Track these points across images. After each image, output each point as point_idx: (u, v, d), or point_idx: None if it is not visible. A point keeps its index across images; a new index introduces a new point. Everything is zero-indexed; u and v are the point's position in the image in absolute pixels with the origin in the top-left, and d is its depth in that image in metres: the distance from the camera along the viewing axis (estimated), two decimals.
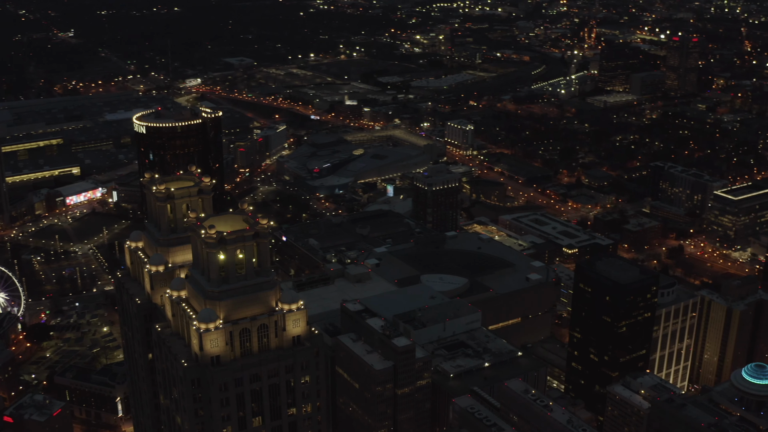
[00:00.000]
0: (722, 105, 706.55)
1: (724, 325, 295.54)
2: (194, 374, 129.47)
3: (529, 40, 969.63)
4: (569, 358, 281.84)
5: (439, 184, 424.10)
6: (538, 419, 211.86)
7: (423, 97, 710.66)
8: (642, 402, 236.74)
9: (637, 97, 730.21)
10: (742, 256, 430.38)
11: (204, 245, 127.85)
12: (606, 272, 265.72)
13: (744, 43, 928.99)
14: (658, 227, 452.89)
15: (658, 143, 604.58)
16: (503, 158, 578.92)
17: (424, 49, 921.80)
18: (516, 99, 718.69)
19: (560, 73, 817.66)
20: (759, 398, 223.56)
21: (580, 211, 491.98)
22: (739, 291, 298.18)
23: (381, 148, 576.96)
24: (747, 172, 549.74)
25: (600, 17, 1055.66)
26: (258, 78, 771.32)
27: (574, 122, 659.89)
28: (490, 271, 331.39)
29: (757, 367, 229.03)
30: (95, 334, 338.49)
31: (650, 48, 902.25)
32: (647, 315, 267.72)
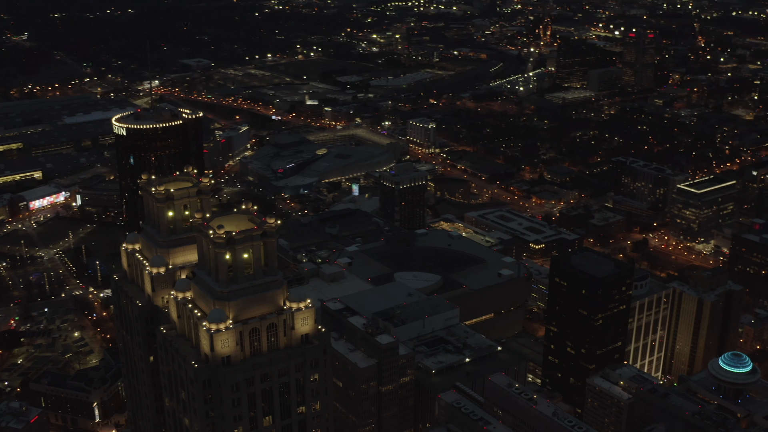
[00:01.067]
0: (679, 100, 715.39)
1: (695, 316, 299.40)
2: (205, 375, 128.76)
3: (486, 38, 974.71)
4: (545, 352, 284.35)
5: (407, 183, 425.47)
6: (524, 413, 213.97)
7: (383, 96, 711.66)
8: (621, 393, 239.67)
9: (595, 93, 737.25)
10: (705, 248, 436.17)
11: (212, 245, 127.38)
12: (581, 266, 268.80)
13: (697, 39, 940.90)
14: (622, 221, 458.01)
15: (617, 138, 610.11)
16: (465, 156, 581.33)
17: (382, 49, 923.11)
18: (475, 97, 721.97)
19: (518, 70, 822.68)
20: (736, 386, 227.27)
21: (544, 207, 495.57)
22: (709, 282, 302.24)
23: (344, 147, 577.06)
24: (706, 165, 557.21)
25: (554, 15, 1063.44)
26: (216, 79, 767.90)
27: (534, 119, 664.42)
28: (462, 268, 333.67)
29: (733, 356, 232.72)
30: (66, 340, 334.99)
31: (605, 44, 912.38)
32: (622, 307, 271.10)
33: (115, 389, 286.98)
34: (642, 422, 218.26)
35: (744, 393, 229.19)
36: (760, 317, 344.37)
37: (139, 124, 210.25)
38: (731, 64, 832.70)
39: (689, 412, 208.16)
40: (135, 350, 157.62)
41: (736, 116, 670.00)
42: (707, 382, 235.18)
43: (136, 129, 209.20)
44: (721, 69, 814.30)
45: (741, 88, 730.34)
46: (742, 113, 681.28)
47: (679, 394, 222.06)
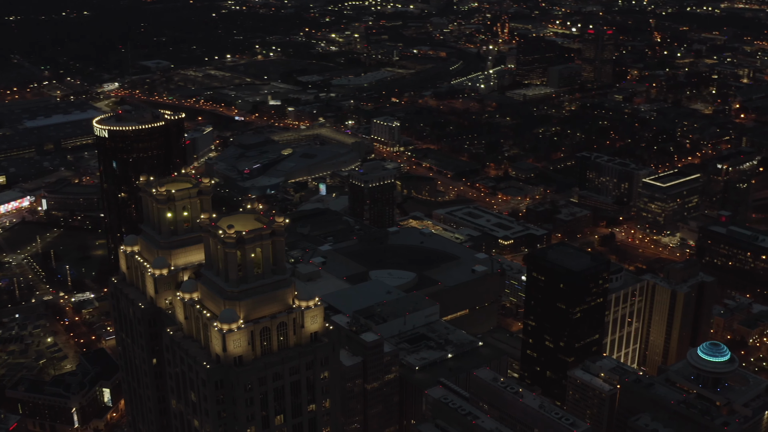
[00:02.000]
0: (638, 95, 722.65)
1: (668, 307, 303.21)
2: (218, 376, 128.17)
3: (444, 36, 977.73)
4: (524, 346, 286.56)
5: (376, 181, 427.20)
6: (510, 406, 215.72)
7: (345, 95, 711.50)
8: (603, 385, 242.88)
9: (555, 90, 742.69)
10: (672, 241, 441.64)
11: (222, 245, 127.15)
12: (559, 260, 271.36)
13: (653, 35, 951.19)
14: (589, 216, 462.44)
15: (579, 134, 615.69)
16: (430, 153, 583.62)
17: (341, 48, 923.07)
18: (437, 95, 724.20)
19: (478, 68, 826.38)
20: (715, 375, 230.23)
21: (510, 203, 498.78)
22: (682, 274, 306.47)
23: (309, 147, 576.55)
24: (668, 159, 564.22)
25: (511, 12, 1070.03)
26: (176, 80, 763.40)
27: (496, 116, 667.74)
28: (436, 265, 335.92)
29: (712, 345, 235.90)
30: (39, 345, 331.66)
31: (563, 41, 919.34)
32: (599, 300, 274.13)
33: (93, 394, 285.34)
34: (627, 412, 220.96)
35: (723, 381, 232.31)
36: (730, 307, 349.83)
37: (122, 126, 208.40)
38: (688, 59, 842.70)
39: (674, 401, 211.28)
40: (136, 353, 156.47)
41: (695, 110, 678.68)
42: (686, 372, 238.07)
43: (119, 131, 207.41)
44: (679, 64, 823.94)
45: (699, 83, 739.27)
46: (700, 107, 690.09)
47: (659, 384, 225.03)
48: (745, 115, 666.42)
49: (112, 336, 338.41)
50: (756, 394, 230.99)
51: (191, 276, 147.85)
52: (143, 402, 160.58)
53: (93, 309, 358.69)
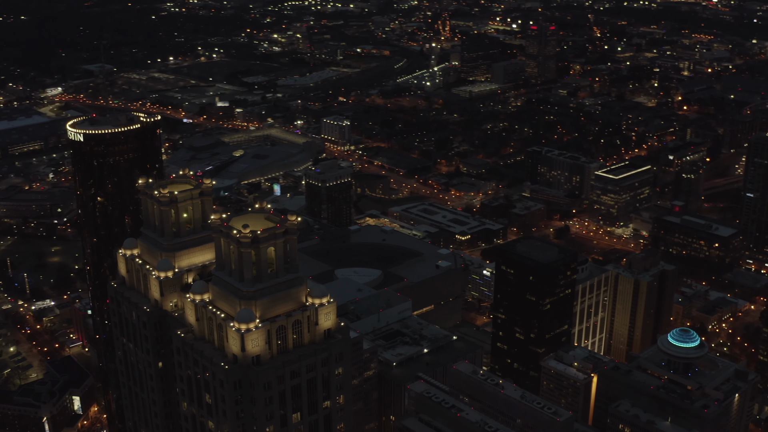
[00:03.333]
0: (582, 89, 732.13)
1: (632, 296, 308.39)
2: (236, 376, 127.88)
3: (386, 35, 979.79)
4: (494, 339, 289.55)
5: (333, 180, 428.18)
6: (492, 398, 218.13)
7: (291, 96, 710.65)
8: (577, 374, 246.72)
9: (500, 86, 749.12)
10: (625, 232, 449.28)
11: (236, 245, 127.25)
12: (527, 253, 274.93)
13: (593, 30, 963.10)
14: (543, 210, 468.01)
15: (527, 129, 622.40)
16: (381, 151, 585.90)
17: (284, 48, 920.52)
18: (384, 93, 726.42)
19: (422, 65, 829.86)
20: (685, 360, 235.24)
21: (463, 199, 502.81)
22: (644, 263, 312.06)
23: (260, 148, 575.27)
24: (615, 152, 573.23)
25: (451, 10, 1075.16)
26: (120, 84, 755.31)
27: (443, 113, 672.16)
28: (400, 261, 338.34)
29: (681, 331, 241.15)
30: (2, 355, 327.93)
31: (505, 38, 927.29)
32: (568, 292, 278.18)
33: (63, 402, 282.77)
34: (606, 399, 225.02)
35: (693, 367, 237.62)
36: (688, 295, 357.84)
37: (98, 129, 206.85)
38: (628, 53, 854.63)
39: (653, 387, 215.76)
40: (140, 357, 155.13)
41: (638, 103, 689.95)
42: (657, 358, 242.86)
43: (95, 134, 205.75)
44: (620, 58, 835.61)
45: (641, 76, 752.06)
46: (644, 100, 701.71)
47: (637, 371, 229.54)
48: (688, 107, 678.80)
49: (76, 343, 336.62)
50: (725, 377, 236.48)
51: (196, 277, 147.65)
52: (147, 407, 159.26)
53: (54, 317, 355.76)
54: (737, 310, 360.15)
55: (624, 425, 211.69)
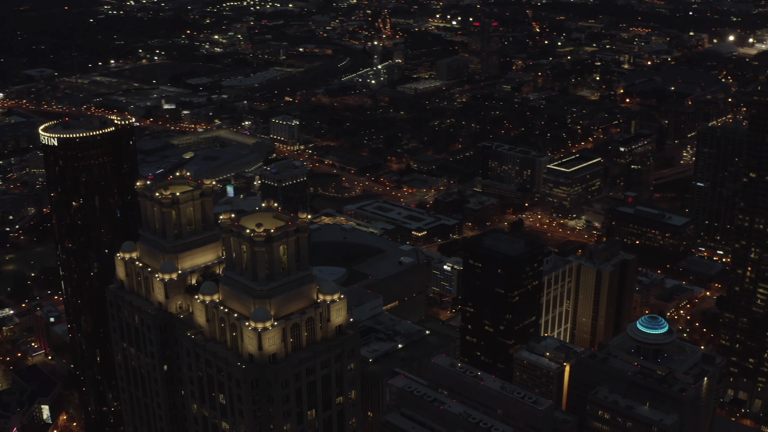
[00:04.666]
0: (525, 84, 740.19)
1: (594, 286, 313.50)
2: (254, 375, 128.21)
3: (328, 34, 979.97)
4: (463, 333, 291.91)
5: (289, 180, 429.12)
6: (472, 390, 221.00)
7: (237, 96, 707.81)
8: (550, 363, 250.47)
9: (445, 83, 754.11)
10: (578, 224, 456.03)
11: (251, 244, 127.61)
12: (495, 246, 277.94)
13: (532, 25, 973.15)
14: (497, 204, 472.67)
15: (474, 125, 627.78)
16: (331, 150, 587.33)
17: (225, 49, 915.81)
18: (329, 92, 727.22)
19: (365, 64, 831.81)
20: (655, 346, 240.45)
21: (415, 196, 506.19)
22: (605, 254, 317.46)
23: (210, 149, 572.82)
24: (562, 145, 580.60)
25: (391, 8, 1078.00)
26: (62, 88, 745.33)
27: (390, 111, 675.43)
28: (363, 259, 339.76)
29: (650, 318, 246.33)
30: None
31: (446, 35, 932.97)
32: (535, 283, 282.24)
33: (32, 412, 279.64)
34: (584, 387, 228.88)
35: (662, 352, 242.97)
36: (645, 284, 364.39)
37: (72, 134, 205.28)
38: (569, 47, 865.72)
39: (631, 373, 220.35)
40: (143, 361, 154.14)
41: (582, 97, 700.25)
42: (626, 345, 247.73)
43: (69, 138, 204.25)
44: (560, 53, 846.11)
45: (583, 70, 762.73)
46: (587, 94, 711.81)
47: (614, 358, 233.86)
48: (630, 100, 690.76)
49: (39, 352, 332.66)
50: (694, 362, 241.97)
51: (199, 279, 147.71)
52: (151, 411, 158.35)
53: (14, 326, 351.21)
54: (693, 296, 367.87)
55: (603, 411, 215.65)
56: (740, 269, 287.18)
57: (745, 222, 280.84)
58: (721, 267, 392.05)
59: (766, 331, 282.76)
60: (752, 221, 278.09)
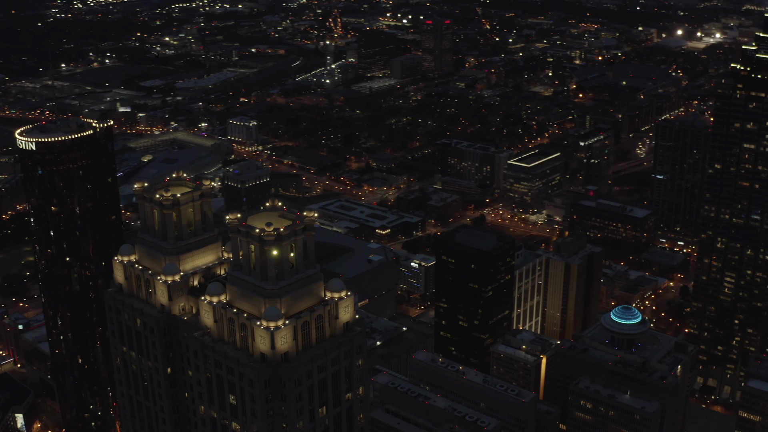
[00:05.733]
0: (479, 81, 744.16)
1: (563, 279, 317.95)
2: (267, 374, 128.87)
3: (279, 34, 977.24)
4: (437, 328, 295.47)
5: (252, 181, 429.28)
6: (454, 384, 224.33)
7: (192, 98, 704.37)
8: (527, 356, 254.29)
9: (399, 81, 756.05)
10: (539, 219, 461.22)
11: (260, 243, 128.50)
12: (468, 242, 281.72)
13: (482, 23, 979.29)
14: (459, 201, 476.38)
15: (430, 123, 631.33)
16: (289, 150, 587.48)
17: (177, 51, 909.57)
18: (284, 92, 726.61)
19: (319, 63, 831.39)
20: (629, 337, 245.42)
21: (376, 194, 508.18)
22: (572, 247, 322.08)
23: (168, 152, 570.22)
24: (518, 141, 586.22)
25: (341, 7, 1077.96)
26: (14, 93, 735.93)
27: (346, 110, 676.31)
28: (332, 258, 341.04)
29: (624, 309, 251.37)
30: None
31: (398, 33, 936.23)
32: (508, 277, 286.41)
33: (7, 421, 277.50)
34: (564, 378, 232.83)
35: (636, 342, 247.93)
36: (609, 276, 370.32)
37: (50, 137, 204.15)
38: (520, 44, 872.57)
39: (611, 362, 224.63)
40: (145, 365, 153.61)
41: (535, 93, 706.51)
42: (600, 336, 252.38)
43: (48, 142, 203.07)
44: (512, 49, 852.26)
45: (535, 66, 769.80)
46: (540, 90, 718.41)
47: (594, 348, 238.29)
48: (583, 95, 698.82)
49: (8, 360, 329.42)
50: (667, 350, 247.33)
51: (201, 280, 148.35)
52: (153, 414, 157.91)
53: None
54: (657, 287, 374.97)
55: (585, 401, 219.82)
56: (707, 259, 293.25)
57: (710, 213, 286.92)
58: (682, 258, 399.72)
59: (733, 319, 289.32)
60: (718, 212, 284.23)
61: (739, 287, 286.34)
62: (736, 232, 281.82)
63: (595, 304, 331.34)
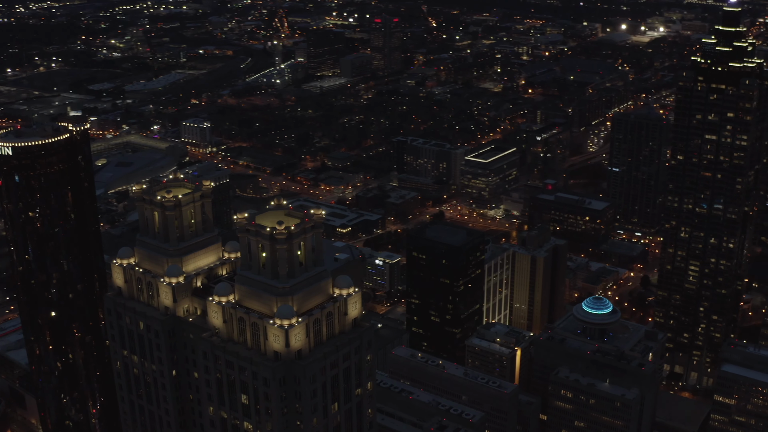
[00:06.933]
0: (429, 79, 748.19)
1: (530, 272, 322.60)
2: (281, 372, 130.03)
3: (226, 35, 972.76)
4: (408, 324, 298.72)
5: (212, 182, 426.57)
6: (435, 378, 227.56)
7: (142, 101, 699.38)
8: (502, 348, 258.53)
9: (349, 80, 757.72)
10: (497, 213, 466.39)
11: (272, 242, 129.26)
12: (438, 237, 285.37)
13: (428, 20, 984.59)
14: (417, 198, 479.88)
15: (383, 121, 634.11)
16: (244, 151, 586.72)
17: (124, 53, 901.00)
18: (235, 93, 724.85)
19: (267, 64, 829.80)
20: (601, 326, 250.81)
21: (333, 193, 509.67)
22: (537, 240, 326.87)
23: (122, 155, 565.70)
24: (471, 137, 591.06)
25: (286, 7, 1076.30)
26: None
27: (298, 109, 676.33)
28: None
29: (595, 299, 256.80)
30: None
31: (346, 32, 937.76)
32: (478, 272, 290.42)
33: None
34: (544, 368, 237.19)
35: (608, 332, 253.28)
36: (571, 268, 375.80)
37: (27, 142, 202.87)
38: (467, 41, 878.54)
39: (590, 352, 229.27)
40: (149, 368, 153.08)
41: (485, 89, 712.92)
42: (572, 327, 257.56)
43: (25, 147, 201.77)
44: (459, 46, 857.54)
45: (484, 63, 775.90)
46: (490, 86, 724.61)
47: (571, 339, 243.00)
48: (532, 90, 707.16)
49: None
50: (637, 339, 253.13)
51: (204, 281, 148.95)
52: (157, 418, 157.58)
53: None
54: (619, 278, 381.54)
55: (566, 390, 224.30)
56: (671, 248, 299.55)
57: (674, 203, 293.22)
58: (641, 248, 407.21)
59: (698, 306, 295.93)
60: (681, 202, 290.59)
61: (703, 275, 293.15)
62: (700, 221, 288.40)
63: (560, 296, 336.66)
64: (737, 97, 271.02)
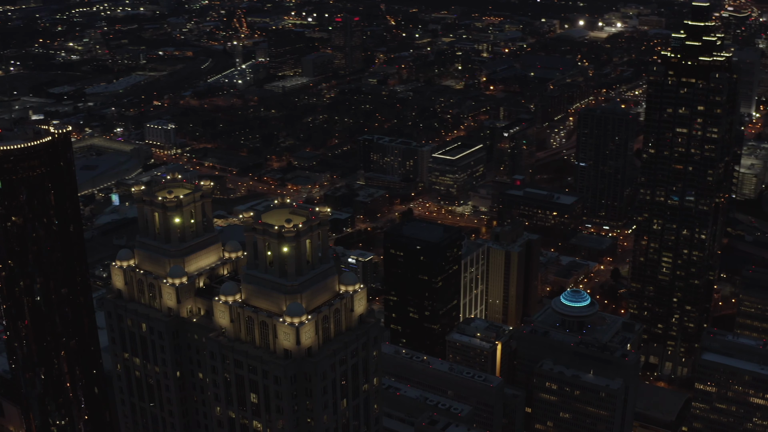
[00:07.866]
0: (391, 77, 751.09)
1: (504, 267, 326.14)
2: (293, 370, 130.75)
3: (185, 36, 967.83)
4: (387, 321, 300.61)
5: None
6: (421, 374, 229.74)
7: (104, 103, 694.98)
8: (482, 343, 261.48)
9: (311, 79, 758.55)
10: (465, 210, 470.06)
11: (280, 240, 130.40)
12: (415, 234, 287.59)
13: (387, 19, 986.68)
14: (385, 196, 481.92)
15: (347, 119, 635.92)
16: (209, 152, 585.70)
17: (83, 56, 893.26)
18: (197, 94, 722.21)
19: (228, 64, 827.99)
20: (579, 319, 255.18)
21: (300, 192, 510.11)
22: (511, 235, 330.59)
23: (87, 158, 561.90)
24: (435, 134, 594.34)
25: (244, 7, 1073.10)
26: None
27: (261, 110, 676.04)
28: None
29: (573, 292, 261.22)
30: None
31: (306, 31, 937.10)
32: (456, 268, 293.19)
33: None
34: (528, 362, 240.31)
35: (586, 324, 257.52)
36: (542, 262, 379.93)
37: (8, 145, 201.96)
38: (427, 39, 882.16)
39: (573, 344, 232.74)
40: (152, 370, 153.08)
41: (447, 87, 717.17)
42: (551, 320, 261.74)
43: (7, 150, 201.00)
44: (420, 44, 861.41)
45: (445, 61, 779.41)
46: (452, 83, 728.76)
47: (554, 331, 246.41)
48: (494, 87, 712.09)
49: None
50: (615, 330, 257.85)
51: (206, 281, 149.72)
52: (159, 420, 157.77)
53: None
54: (589, 271, 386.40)
55: (551, 383, 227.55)
56: (644, 240, 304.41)
57: (646, 196, 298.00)
58: (609, 242, 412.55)
59: (672, 297, 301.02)
60: (653, 195, 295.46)
61: (676, 266, 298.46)
62: (672, 213, 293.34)
63: (534, 291, 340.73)
64: (707, 91, 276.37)
